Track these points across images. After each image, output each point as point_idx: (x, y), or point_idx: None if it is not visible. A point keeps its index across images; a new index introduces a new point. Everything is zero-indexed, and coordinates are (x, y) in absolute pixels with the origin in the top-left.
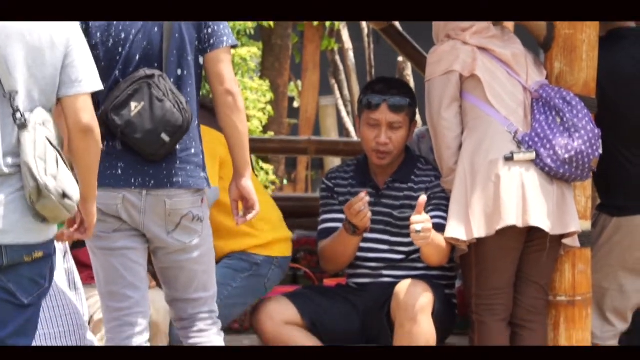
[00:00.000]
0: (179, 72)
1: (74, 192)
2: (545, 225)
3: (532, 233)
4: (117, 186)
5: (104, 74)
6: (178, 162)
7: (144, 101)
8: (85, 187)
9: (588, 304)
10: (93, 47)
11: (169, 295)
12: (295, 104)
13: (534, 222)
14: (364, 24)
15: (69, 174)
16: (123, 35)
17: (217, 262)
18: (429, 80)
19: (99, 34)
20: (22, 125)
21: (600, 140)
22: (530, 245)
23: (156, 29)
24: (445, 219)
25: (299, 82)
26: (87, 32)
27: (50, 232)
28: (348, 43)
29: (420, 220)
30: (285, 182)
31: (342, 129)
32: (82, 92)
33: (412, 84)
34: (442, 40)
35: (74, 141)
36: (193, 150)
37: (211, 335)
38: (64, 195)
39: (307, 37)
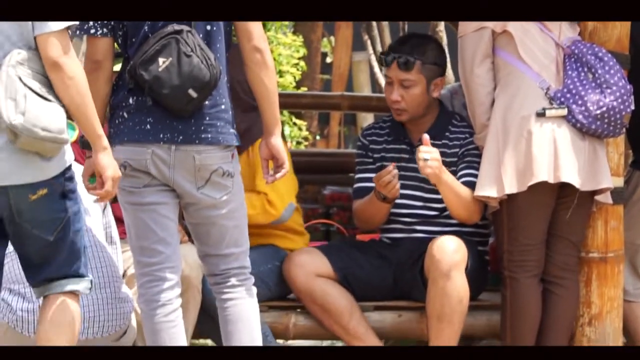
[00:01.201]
0: (208, 27)
1: (53, 123)
2: (576, 181)
3: (564, 189)
4: (146, 141)
5: (133, 29)
6: (207, 118)
7: (171, 57)
8: (85, 130)
9: (620, 261)
10: None
11: (201, 251)
12: (328, 60)
13: (565, 177)
14: None
15: (47, 106)
16: None
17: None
18: (462, 37)
19: None
20: None
21: (632, 96)
22: (562, 202)
23: None
24: (476, 176)
25: (332, 38)
26: None
27: (52, 169)
28: None
29: (428, 151)
30: (318, 137)
31: (375, 85)
32: (49, 31)
33: (444, 40)
34: None
35: (50, 77)
36: (223, 107)
37: (243, 291)
38: (42, 129)
39: None
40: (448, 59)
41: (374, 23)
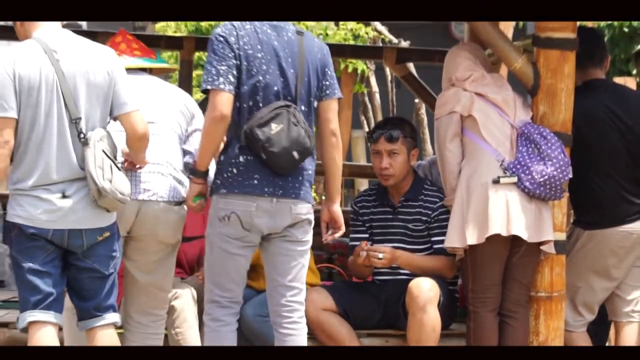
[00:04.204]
0: (303, 108)
1: (126, 189)
2: (524, 234)
3: (515, 242)
4: (254, 194)
5: (246, 96)
6: (300, 178)
7: (283, 124)
8: (142, 163)
9: (563, 299)
10: (239, 72)
11: (273, 281)
12: None
13: (515, 231)
14: (388, 72)
15: (122, 176)
16: (264, 67)
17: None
18: (437, 119)
19: (245, 64)
20: (85, 143)
21: (570, 167)
22: (514, 252)
23: (292, 71)
24: (443, 242)
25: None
26: (237, 57)
27: (113, 217)
28: (375, 87)
29: (383, 251)
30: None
31: (369, 156)
32: (131, 110)
33: (425, 120)
34: (447, 87)
35: (133, 145)
36: (310, 172)
37: (301, 327)
38: (120, 193)
39: (343, 82)
40: (428, 136)
41: (369, 105)
